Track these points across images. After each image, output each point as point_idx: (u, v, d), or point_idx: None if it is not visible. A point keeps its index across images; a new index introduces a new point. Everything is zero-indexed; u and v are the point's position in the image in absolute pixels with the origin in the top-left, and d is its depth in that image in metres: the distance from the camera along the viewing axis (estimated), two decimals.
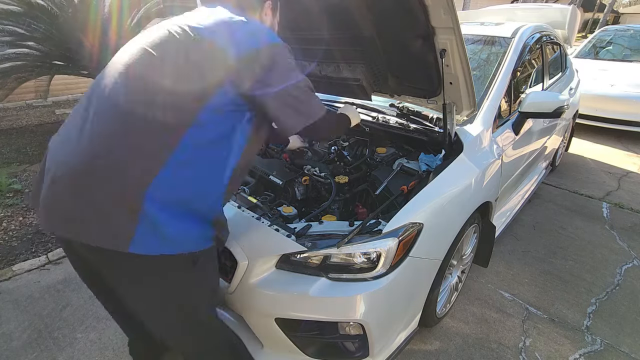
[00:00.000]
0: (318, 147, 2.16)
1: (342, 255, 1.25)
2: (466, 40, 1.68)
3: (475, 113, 1.78)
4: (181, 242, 0.92)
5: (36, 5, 3.69)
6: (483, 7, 3.95)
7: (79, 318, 1.91)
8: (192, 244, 0.95)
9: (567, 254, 2.48)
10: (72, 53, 4.04)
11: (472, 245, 1.95)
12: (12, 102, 5.52)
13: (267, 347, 1.38)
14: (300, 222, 1.42)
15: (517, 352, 1.76)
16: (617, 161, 4.12)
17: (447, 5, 1.23)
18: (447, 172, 1.53)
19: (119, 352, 1.73)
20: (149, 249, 0.88)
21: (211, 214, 1.00)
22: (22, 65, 3.96)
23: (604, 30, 6.43)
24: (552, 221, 2.87)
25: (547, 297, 2.09)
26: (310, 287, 1.23)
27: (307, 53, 1.91)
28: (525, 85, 2.45)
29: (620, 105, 4.66)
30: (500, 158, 1.87)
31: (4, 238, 2.52)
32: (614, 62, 5.47)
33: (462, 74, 1.47)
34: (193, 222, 0.95)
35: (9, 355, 1.71)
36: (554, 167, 3.69)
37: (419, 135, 1.78)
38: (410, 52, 1.52)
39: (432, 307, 1.65)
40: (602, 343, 1.82)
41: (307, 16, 1.67)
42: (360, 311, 1.23)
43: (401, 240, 1.27)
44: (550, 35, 2.85)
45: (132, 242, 0.86)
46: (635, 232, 2.76)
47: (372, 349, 1.32)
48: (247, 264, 1.27)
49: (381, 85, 1.84)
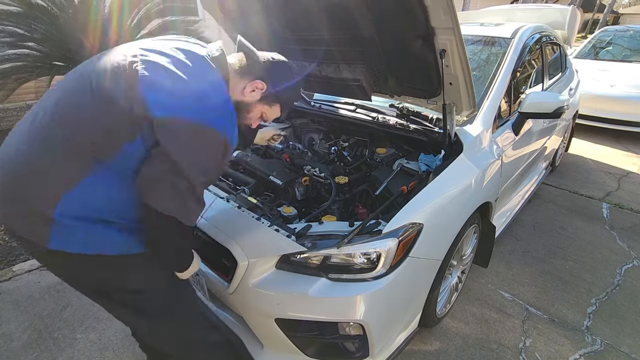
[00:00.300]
0: (318, 148, 2.17)
1: (342, 255, 1.25)
2: (466, 41, 1.68)
3: (475, 113, 1.78)
4: (98, 245, 0.93)
5: (36, 6, 3.69)
6: (483, 8, 3.96)
7: (79, 318, 1.91)
8: (114, 247, 0.95)
9: (567, 254, 2.48)
10: (72, 54, 4.04)
11: (472, 245, 1.95)
12: (12, 102, 5.51)
13: (267, 347, 1.38)
14: (300, 223, 1.42)
15: (517, 352, 1.76)
16: (617, 161, 4.12)
17: (447, 6, 1.23)
18: (447, 172, 1.53)
19: (119, 353, 1.73)
20: (67, 247, 0.91)
21: (133, 222, 0.98)
22: (22, 66, 3.96)
23: (604, 30, 6.43)
24: (552, 221, 2.87)
25: (547, 298, 2.09)
26: (310, 287, 1.23)
27: (307, 53, 1.91)
28: (525, 85, 2.45)
29: (620, 106, 4.66)
30: (500, 158, 1.88)
31: (3, 238, 2.53)
32: (613, 63, 5.47)
33: (462, 75, 1.47)
34: (109, 229, 0.94)
35: (9, 356, 1.71)
36: (554, 167, 3.69)
37: (419, 135, 1.78)
38: (410, 52, 1.52)
39: (432, 308, 1.65)
40: (602, 343, 1.82)
41: (307, 16, 1.67)
42: (360, 311, 1.23)
43: (401, 240, 1.27)
44: (550, 35, 2.85)
45: (49, 240, 0.90)
46: (635, 232, 2.77)
47: (372, 349, 1.32)
48: (247, 264, 1.27)
49: (381, 85, 1.84)
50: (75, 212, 0.90)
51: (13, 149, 0.94)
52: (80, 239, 0.91)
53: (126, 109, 0.87)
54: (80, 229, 0.91)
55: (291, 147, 2.13)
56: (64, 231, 0.90)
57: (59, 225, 0.90)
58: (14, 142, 0.95)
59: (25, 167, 0.91)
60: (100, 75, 0.92)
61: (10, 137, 0.98)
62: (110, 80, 0.90)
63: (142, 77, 0.88)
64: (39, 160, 0.90)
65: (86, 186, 0.90)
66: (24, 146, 0.92)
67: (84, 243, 0.92)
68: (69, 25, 3.80)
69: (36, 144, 0.91)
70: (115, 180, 0.92)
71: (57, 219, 0.89)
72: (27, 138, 0.93)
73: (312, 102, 2.33)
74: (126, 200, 0.94)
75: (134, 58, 0.91)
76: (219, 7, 2.01)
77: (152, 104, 0.86)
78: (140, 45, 0.98)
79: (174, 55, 0.94)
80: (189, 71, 0.92)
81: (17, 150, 0.93)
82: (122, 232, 0.96)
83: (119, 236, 0.96)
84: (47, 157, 0.90)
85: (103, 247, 0.94)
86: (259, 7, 1.83)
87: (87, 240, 0.92)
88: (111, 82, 0.90)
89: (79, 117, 0.91)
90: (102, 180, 0.91)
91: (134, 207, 0.95)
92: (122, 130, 0.88)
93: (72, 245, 0.91)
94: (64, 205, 0.89)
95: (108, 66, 0.92)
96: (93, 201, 0.92)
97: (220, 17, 2.07)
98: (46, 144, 0.91)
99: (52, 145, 0.90)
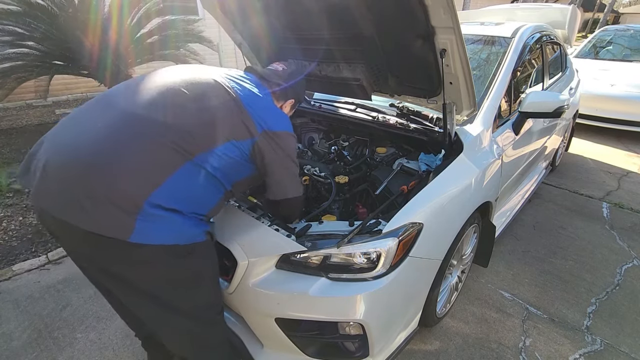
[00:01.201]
0: (318, 147, 2.17)
1: (342, 255, 1.25)
2: (466, 40, 1.68)
3: (475, 113, 1.77)
4: (176, 234, 1.00)
5: (36, 5, 3.69)
6: (483, 7, 3.95)
7: (79, 318, 1.91)
8: (186, 237, 1.03)
9: (567, 254, 2.48)
10: (72, 53, 4.04)
11: (472, 245, 1.95)
12: (12, 102, 5.52)
13: (267, 347, 1.38)
14: (300, 222, 1.42)
15: (517, 352, 1.76)
16: (617, 161, 4.12)
17: (447, 5, 1.23)
18: (447, 172, 1.53)
19: (119, 352, 1.73)
20: (148, 239, 0.95)
21: (204, 212, 1.11)
22: (22, 65, 3.96)
23: (604, 30, 6.42)
24: (552, 221, 2.87)
25: (547, 297, 2.10)
26: (310, 287, 1.23)
27: (308, 53, 1.91)
28: (525, 85, 2.45)
29: (620, 105, 4.66)
30: (500, 158, 1.87)
31: (3, 238, 2.53)
32: (614, 62, 5.47)
33: (462, 74, 1.47)
34: (187, 219, 1.04)
35: (9, 355, 1.71)
36: (554, 167, 3.69)
37: (419, 135, 1.78)
38: (411, 51, 1.51)
39: (432, 307, 1.65)
40: (602, 343, 1.82)
41: (308, 16, 1.67)
42: (360, 311, 1.23)
43: (401, 240, 1.27)
44: (550, 35, 2.85)
45: (133, 233, 0.93)
46: (635, 232, 2.76)
47: (372, 348, 1.32)
48: (247, 264, 1.27)
49: (381, 85, 1.84)
50: (164, 202, 0.97)
51: (87, 133, 1.00)
52: (159, 228, 0.96)
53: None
54: (164, 220, 0.97)
55: None
56: (149, 222, 0.94)
57: (145, 216, 0.94)
58: (87, 128, 1.02)
59: (111, 158, 0.95)
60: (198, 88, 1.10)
61: (75, 122, 1.06)
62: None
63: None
64: (133, 153, 0.97)
65: (177, 179, 0.99)
66: (109, 140, 0.98)
67: (165, 233, 0.98)
68: (68, 24, 3.80)
69: (131, 135, 0.99)
70: (200, 177, 1.05)
71: (147, 209, 0.94)
72: (110, 132, 0.99)
73: (312, 102, 2.33)
74: (205, 197, 1.09)
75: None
76: (219, 7, 2.00)
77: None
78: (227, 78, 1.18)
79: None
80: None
81: (99, 143, 0.97)
82: (194, 221, 1.06)
83: (191, 225, 1.04)
84: (142, 151, 0.98)
85: (179, 238, 1.01)
86: (259, 7, 1.82)
87: (169, 230, 0.98)
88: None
89: (182, 110, 1.05)
90: (190, 176, 1.03)
91: (206, 204, 1.10)
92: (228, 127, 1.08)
93: (153, 237, 0.96)
94: (156, 195, 0.95)
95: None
96: (178, 194, 1.00)
97: (220, 16, 2.07)
98: (143, 137, 0.99)
99: (148, 136, 1.00)
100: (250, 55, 2.32)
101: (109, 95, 1.13)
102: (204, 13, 6.95)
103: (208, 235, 1.11)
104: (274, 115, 1.19)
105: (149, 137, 1.00)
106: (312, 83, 2.14)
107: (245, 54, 2.30)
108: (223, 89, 1.11)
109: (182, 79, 1.11)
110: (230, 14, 2.03)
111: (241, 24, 2.08)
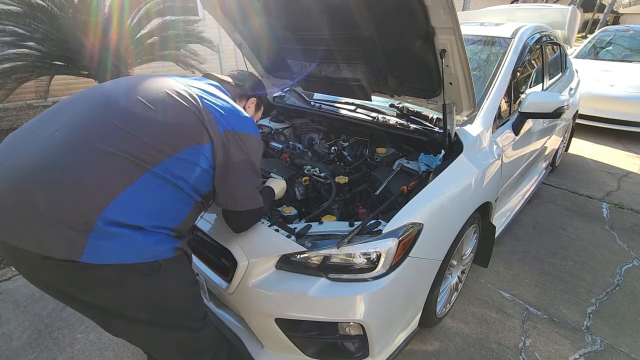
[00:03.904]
0: (318, 148, 2.17)
1: (342, 255, 1.25)
2: (466, 41, 1.68)
3: (475, 113, 1.78)
4: (137, 252, 0.92)
5: (36, 6, 3.70)
6: (483, 8, 3.95)
7: (79, 318, 1.91)
8: (149, 254, 0.95)
9: (567, 254, 2.48)
10: (72, 53, 4.04)
11: (472, 245, 1.95)
12: (12, 102, 5.53)
13: (267, 347, 1.38)
14: (300, 223, 1.42)
15: (517, 352, 1.76)
16: (617, 161, 4.12)
17: (447, 6, 1.23)
18: (447, 172, 1.53)
19: (119, 352, 1.73)
20: (101, 259, 0.87)
21: (172, 226, 1.02)
22: (22, 65, 3.96)
23: (604, 30, 6.42)
24: (552, 221, 2.87)
25: (547, 298, 2.10)
26: (310, 287, 1.23)
27: (307, 53, 1.91)
28: (525, 85, 2.45)
29: (620, 106, 4.66)
30: (500, 158, 1.88)
31: None
32: (613, 63, 5.47)
33: (462, 74, 1.47)
34: (150, 235, 0.95)
35: (9, 356, 1.71)
36: (554, 167, 3.70)
37: (419, 135, 1.78)
38: (410, 52, 1.52)
39: (432, 307, 1.65)
40: (602, 343, 1.82)
41: (308, 16, 1.67)
42: (360, 311, 1.23)
43: (401, 240, 1.27)
44: (550, 35, 2.85)
45: (84, 253, 0.85)
46: (635, 232, 2.76)
47: (372, 349, 1.32)
48: (247, 264, 1.27)
49: (381, 85, 1.84)
50: (121, 218, 0.89)
51: (33, 155, 0.90)
52: (118, 248, 0.89)
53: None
54: (121, 237, 0.89)
55: (291, 146, 2.12)
56: (102, 241, 0.87)
57: (98, 233, 0.86)
58: (30, 148, 0.91)
59: (57, 172, 0.87)
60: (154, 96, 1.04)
61: (18, 144, 0.94)
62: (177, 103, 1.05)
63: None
64: (82, 164, 0.89)
65: (134, 192, 0.91)
66: (55, 152, 0.89)
67: (123, 251, 0.90)
68: (69, 24, 3.80)
69: (75, 148, 0.90)
70: (163, 188, 0.98)
71: (101, 225, 0.86)
72: (57, 143, 0.90)
73: (312, 102, 2.33)
74: (171, 210, 1.02)
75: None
76: (219, 7, 2.01)
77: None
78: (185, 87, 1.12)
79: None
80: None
81: (43, 157, 0.89)
82: (159, 239, 0.97)
83: (156, 244, 0.96)
84: (93, 162, 0.90)
85: (140, 255, 0.93)
86: (259, 7, 1.83)
87: (128, 248, 0.90)
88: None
89: (142, 121, 0.98)
90: (150, 188, 0.95)
91: (173, 218, 1.02)
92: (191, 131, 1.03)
93: (108, 256, 0.88)
94: (111, 210, 0.88)
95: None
96: (137, 209, 0.92)
97: (220, 16, 2.07)
98: (89, 146, 0.91)
99: (96, 146, 0.91)
100: (250, 55, 2.33)
101: (62, 104, 1.05)
102: (204, 13, 6.96)
103: (178, 251, 1.03)
104: (236, 115, 1.13)
105: (98, 148, 0.91)
106: (312, 83, 2.14)
107: (246, 54, 2.31)
108: (180, 94, 1.06)
109: (137, 87, 1.05)
110: (230, 14, 2.04)
111: (241, 25, 2.08)
